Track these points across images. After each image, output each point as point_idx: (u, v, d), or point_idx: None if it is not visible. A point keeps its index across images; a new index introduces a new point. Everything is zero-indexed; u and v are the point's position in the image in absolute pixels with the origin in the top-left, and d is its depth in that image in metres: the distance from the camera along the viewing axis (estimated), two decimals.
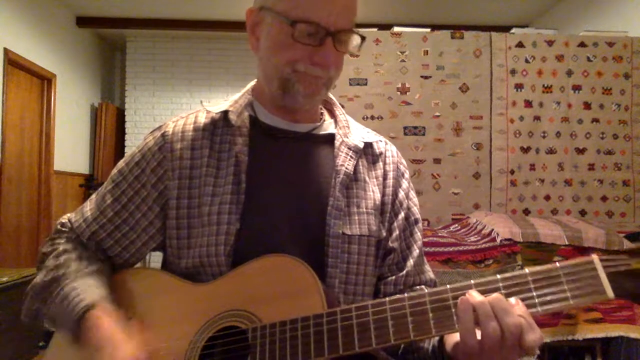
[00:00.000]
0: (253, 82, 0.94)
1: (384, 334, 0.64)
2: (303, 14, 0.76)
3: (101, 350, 0.71)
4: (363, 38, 0.81)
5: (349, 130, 0.92)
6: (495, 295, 0.62)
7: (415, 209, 0.94)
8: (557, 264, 0.63)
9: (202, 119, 0.88)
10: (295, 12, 0.76)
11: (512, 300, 0.62)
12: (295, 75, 0.80)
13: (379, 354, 0.81)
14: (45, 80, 4.75)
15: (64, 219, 0.91)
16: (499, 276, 0.64)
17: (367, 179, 0.89)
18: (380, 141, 0.96)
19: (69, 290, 0.79)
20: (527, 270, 0.63)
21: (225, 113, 0.87)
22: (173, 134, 0.86)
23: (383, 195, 0.90)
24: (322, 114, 0.95)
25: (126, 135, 5.82)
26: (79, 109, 5.49)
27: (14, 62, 4.16)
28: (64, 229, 0.90)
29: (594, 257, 0.62)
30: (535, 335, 0.60)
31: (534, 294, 0.62)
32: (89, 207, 0.89)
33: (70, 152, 5.24)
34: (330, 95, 0.96)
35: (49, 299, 0.81)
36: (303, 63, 0.79)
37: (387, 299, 0.66)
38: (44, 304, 0.82)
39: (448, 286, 0.65)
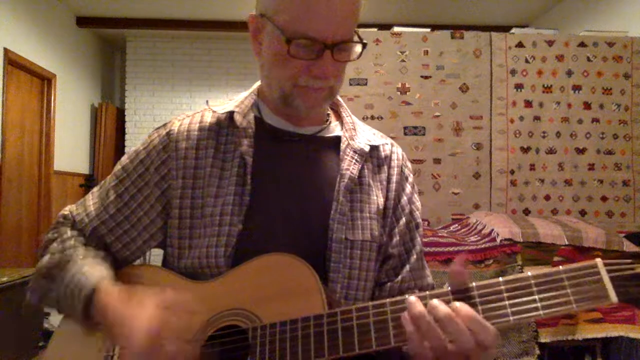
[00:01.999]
0: (259, 83, 0.93)
1: (384, 335, 0.64)
2: (300, 28, 0.74)
3: (119, 323, 0.68)
4: (364, 45, 0.79)
5: (355, 133, 0.91)
6: (433, 301, 0.61)
7: (417, 214, 0.93)
8: (560, 268, 0.62)
9: (208, 119, 0.87)
10: (292, 27, 0.74)
11: (457, 304, 0.61)
12: (297, 90, 0.80)
13: (379, 354, 0.81)
14: (45, 80, 4.74)
15: (66, 211, 0.91)
16: (501, 279, 0.63)
17: (371, 183, 0.88)
18: (387, 144, 0.94)
19: (78, 268, 0.78)
20: (529, 273, 0.63)
21: (231, 114, 0.86)
22: (178, 132, 0.86)
23: (386, 199, 0.90)
24: (328, 115, 0.94)
25: (126, 135, 5.82)
26: (79, 109, 5.49)
27: (14, 62, 4.15)
28: (65, 221, 0.89)
29: (598, 261, 0.61)
30: (487, 335, 0.59)
31: (537, 297, 0.61)
32: (91, 201, 0.89)
33: (70, 152, 5.24)
34: (337, 97, 0.95)
35: (57, 278, 0.80)
36: (303, 77, 0.78)
37: (388, 300, 0.66)
38: (51, 283, 0.81)
39: (448, 287, 0.65)
